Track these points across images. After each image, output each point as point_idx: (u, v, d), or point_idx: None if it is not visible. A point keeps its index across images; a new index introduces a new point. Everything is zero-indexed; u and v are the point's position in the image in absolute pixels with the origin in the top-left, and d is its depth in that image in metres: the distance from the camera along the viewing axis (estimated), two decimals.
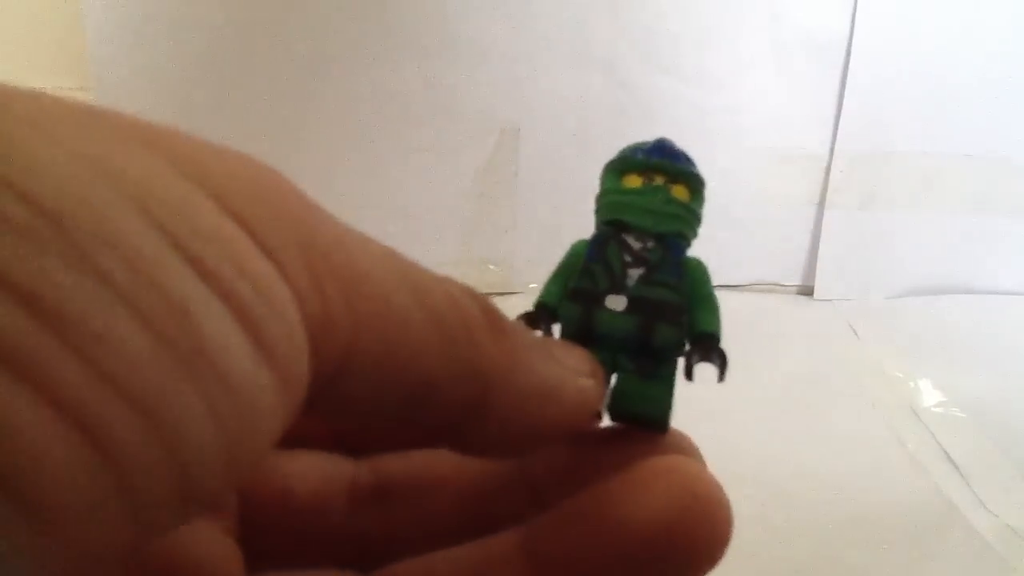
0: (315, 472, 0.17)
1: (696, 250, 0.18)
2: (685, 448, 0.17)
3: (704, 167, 0.18)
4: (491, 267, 0.72)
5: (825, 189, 0.73)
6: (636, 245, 0.17)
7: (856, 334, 0.68)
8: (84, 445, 0.08)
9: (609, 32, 0.68)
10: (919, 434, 0.54)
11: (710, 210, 0.18)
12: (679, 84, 0.69)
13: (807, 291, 0.75)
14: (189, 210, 0.10)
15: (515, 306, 0.16)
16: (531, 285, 0.70)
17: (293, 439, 0.13)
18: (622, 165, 0.17)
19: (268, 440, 0.10)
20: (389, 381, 0.12)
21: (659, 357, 0.16)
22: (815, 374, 0.61)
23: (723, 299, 0.17)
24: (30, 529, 0.08)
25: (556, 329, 0.17)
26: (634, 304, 0.16)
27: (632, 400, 0.16)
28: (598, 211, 0.18)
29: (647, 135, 0.18)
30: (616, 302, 0.16)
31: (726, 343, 0.16)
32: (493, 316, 0.14)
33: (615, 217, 0.17)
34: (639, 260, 0.17)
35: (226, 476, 0.10)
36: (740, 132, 0.71)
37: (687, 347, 0.17)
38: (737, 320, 0.82)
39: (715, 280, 0.17)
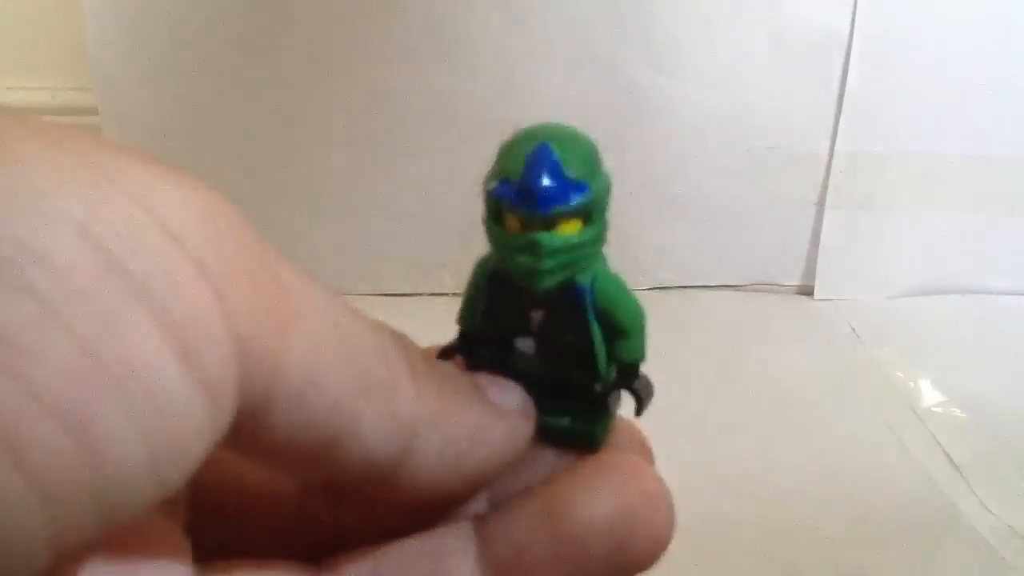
0: None
1: (697, 250, 0.17)
2: (635, 443, 0.17)
3: (704, 167, 0.18)
4: None
5: (825, 189, 0.73)
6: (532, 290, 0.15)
7: (856, 334, 0.68)
8: (5, 458, 0.08)
9: (609, 32, 0.68)
10: (919, 434, 0.54)
11: (710, 210, 0.18)
12: (679, 84, 0.69)
13: (807, 291, 0.75)
14: (127, 228, 0.10)
15: None
16: None
17: None
18: (496, 204, 0.15)
19: (194, 458, 0.11)
20: (310, 424, 0.12)
21: (578, 394, 0.16)
22: (815, 374, 0.61)
23: (723, 299, 0.17)
24: None
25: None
26: (541, 348, 0.16)
27: (558, 435, 0.16)
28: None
29: (647, 135, 0.17)
30: (524, 344, 0.16)
31: (727, 342, 0.16)
32: (420, 367, 0.14)
33: (502, 267, 0.15)
34: (539, 301, 0.15)
35: (150, 491, 0.10)
36: (740, 132, 0.71)
37: (608, 383, 0.16)
38: (737, 320, 0.82)
39: (715, 280, 0.17)
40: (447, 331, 0.18)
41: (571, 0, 0.67)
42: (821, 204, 0.74)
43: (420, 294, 0.72)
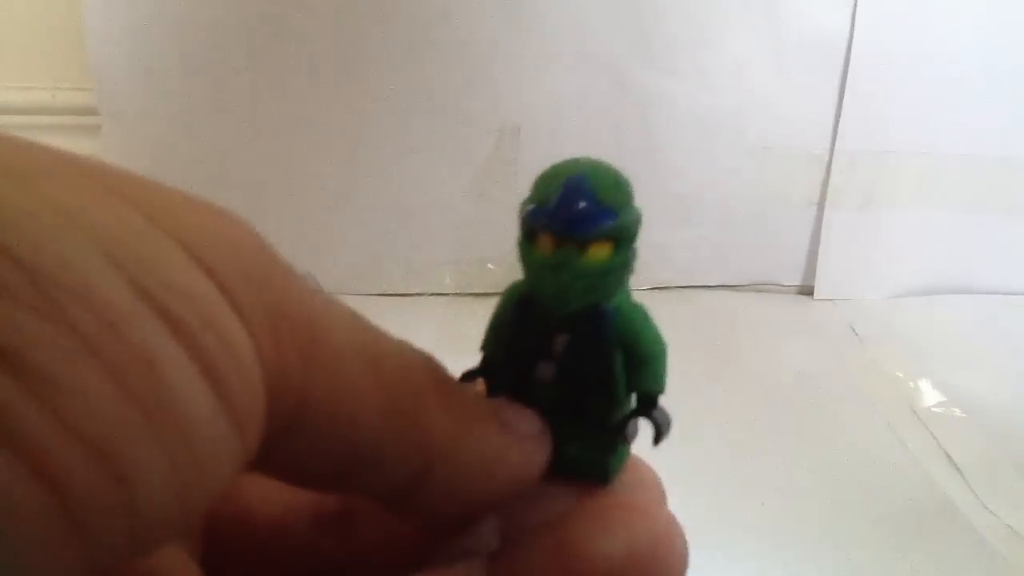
0: (277, 495, 0.17)
1: (697, 250, 0.18)
2: (648, 482, 0.17)
3: (704, 167, 0.18)
4: (491, 267, 0.72)
5: (825, 189, 0.73)
6: (558, 314, 0.16)
7: (856, 334, 0.68)
8: (43, 491, 0.08)
9: (609, 32, 0.68)
10: (919, 434, 0.54)
11: (710, 210, 0.18)
12: (679, 84, 0.69)
13: (807, 291, 0.75)
14: (159, 262, 0.10)
15: None
16: None
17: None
18: (529, 227, 0.15)
19: (221, 485, 0.11)
20: (335, 444, 0.12)
21: (595, 424, 0.16)
22: (815, 374, 0.62)
23: (723, 299, 0.17)
24: None
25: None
26: (563, 374, 0.16)
27: (574, 467, 0.16)
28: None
29: (647, 135, 0.17)
30: (546, 369, 0.16)
31: (727, 342, 0.16)
32: (444, 387, 0.14)
33: (531, 288, 0.16)
34: (564, 326, 0.16)
35: (178, 519, 0.10)
36: (740, 132, 0.71)
37: (626, 412, 0.16)
38: (737, 320, 0.82)
39: (715, 280, 0.17)
40: (447, 331, 0.18)
41: (571, 0, 0.67)
42: (821, 204, 0.74)
43: (420, 294, 0.72)
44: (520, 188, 0.71)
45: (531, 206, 0.15)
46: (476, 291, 0.72)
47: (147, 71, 0.68)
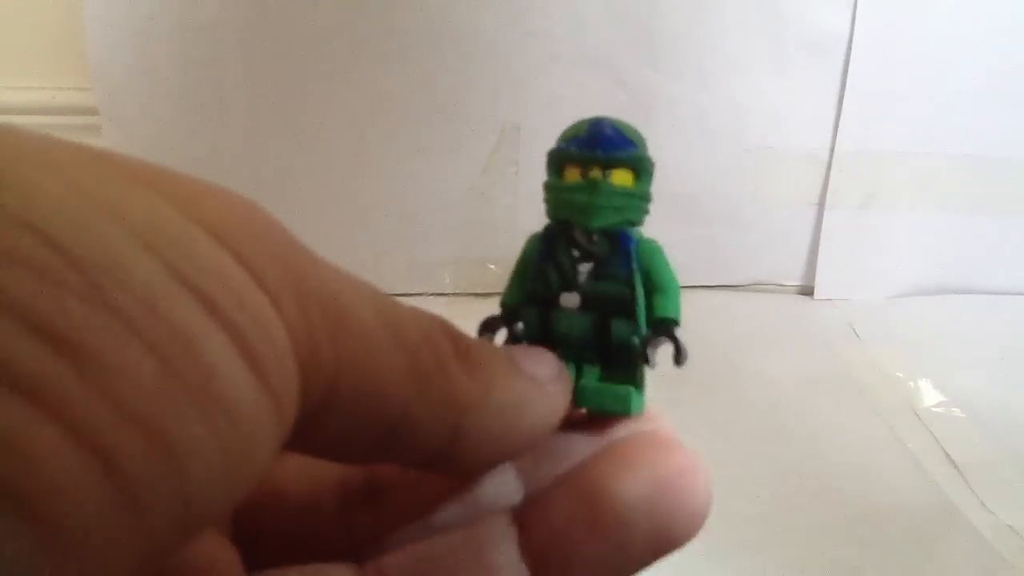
0: (305, 473, 0.17)
1: (697, 250, 0.18)
2: (662, 420, 0.17)
3: (704, 167, 0.18)
4: (491, 267, 0.72)
5: (825, 189, 0.73)
6: (583, 240, 0.17)
7: (856, 334, 0.68)
8: (97, 468, 0.09)
9: (609, 32, 0.68)
10: (919, 434, 0.54)
11: (710, 210, 0.18)
12: (679, 84, 0.69)
13: (807, 291, 0.75)
14: (191, 246, 0.10)
15: None
16: None
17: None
18: (559, 158, 0.17)
19: (264, 463, 0.11)
20: (368, 414, 0.13)
21: (618, 350, 0.17)
22: (815, 374, 0.62)
23: (723, 299, 0.18)
24: (44, 548, 0.08)
25: (521, 327, 0.17)
26: (586, 301, 0.17)
27: (595, 398, 0.17)
28: (546, 206, 0.18)
29: (646, 135, 0.18)
30: (570, 299, 0.17)
31: (727, 342, 0.17)
32: (463, 346, 0.14)
33: (558, 216, 0.17)
34: (587, 255, 0.17)
35: (226, 497, 0.10)
36: (740, 132, 0.71)
37: (646, 334, 0.17)
38: (737, 320, 0.82)
39: (715, 280, 0.17)
40: None
41: (571, 0, 0.67)
42: (821, 204, 0.74)
43: (420, 294, 0.72)
44: (520, 188, 0.71)
45: (559, 144, 0.17)
46: (476, 291, 0.72)
47: (147, 71, 0.68)
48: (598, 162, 0.17)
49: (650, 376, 0.17)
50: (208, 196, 0.11)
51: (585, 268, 0.17)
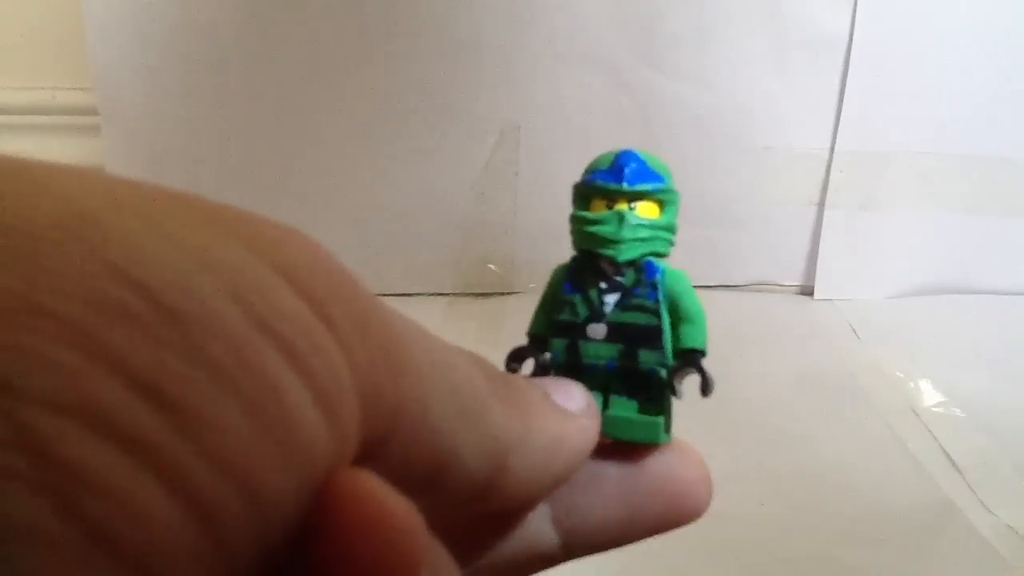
0: None
1: (697, 250, 0.18)
2: (687, 452, 0.19)
3: (704, 167, 0.18)
4: (491, 267, 0.72)
5: (825, 189, 0.73)
6: (609, 271, 0.17)
7: (856, 334, 0.68)
8: (195, 523, 0.09)
9: (610, 32, 0.68)
10: (919, 434, 0.54)
11: (710, 210, 0.18)
12: (679, 84, 0.69)
13: (807, 291, 0.75)
14: (270, 293, 0.10)
15: (515, 306, 0.16)
16: (531, 285, 0.70)
17: None
18: (585, 190, 0.17)
19: None
20: (421, 452, 0.13)
21: (645, 380, 0.17)
22: (815, 374, 0.62)
23: (723, 299, 0.18)
24: None
25: (548, 357, 0.18)
26: (613, 331, 0.17)
27: (626, 428, 0.17)
28: (572, 237, 0.18)
29: (647, 135, 0.18)
30: (597, 331, 0.17)
31: (727, 342, 0.17)
32: (499, 383, 0.15)
33: (584, 247, 0.17)
34: (614, 286, 0.17)
35: (296, 535, 0.11)
36: (740, 132, 0.71)
37: (673, 364, 0.17)
38: (737, 320, 0.82)
39: (715, 280, 0.17)
40: (447, 331, 0.18)
41: (571, 0, 0.67)
42: (821, 204, 0.74)
43: (420, 294, 0.72)
44: (520, 188, 0.71)
45: (586, 176, 0.18)
46: (476, 291, 0.72)
47: (147, 71, 0.68)
48: (624, 194, 0.17)
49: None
50: (277, 236, 0.11)
51: (612, 299, 0.17)
